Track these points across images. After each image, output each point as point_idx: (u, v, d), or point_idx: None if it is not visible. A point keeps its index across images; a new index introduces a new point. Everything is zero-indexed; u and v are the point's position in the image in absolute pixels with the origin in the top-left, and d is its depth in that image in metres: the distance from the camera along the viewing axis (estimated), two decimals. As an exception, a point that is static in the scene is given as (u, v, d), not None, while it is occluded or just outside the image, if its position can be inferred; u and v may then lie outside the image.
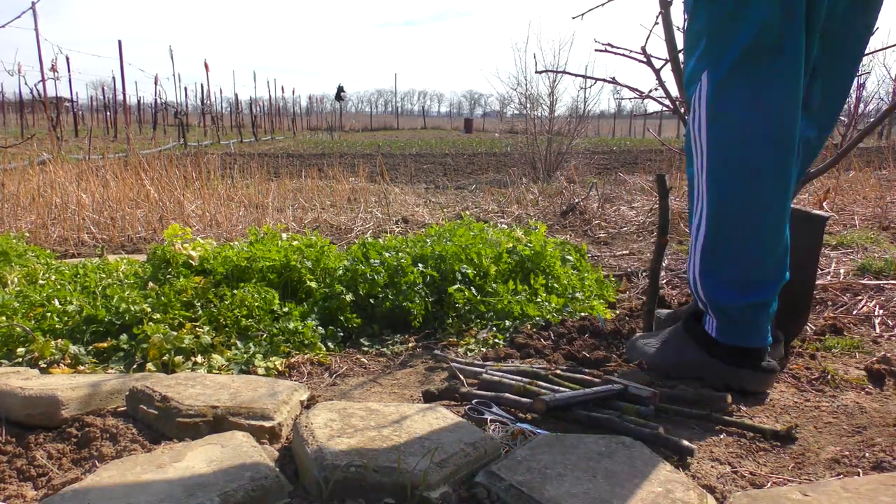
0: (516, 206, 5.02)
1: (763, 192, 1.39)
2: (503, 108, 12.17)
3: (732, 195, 1.42)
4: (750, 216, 1.42)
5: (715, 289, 1.47)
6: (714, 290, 1.47)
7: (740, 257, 1.44)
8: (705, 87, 1.39)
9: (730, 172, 1.41)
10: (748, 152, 1.38)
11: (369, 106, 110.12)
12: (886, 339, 1.83)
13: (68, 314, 1.86)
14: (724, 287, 1.46)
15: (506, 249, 2.40)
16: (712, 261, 1.47)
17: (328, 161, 10.04)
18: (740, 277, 1.45)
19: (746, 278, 1.44)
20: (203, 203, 4.36)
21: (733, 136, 1.39)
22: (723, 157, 1.41)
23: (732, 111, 1.38)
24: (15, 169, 5.41)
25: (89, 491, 0.95)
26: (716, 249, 1.46)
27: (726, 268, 1.46)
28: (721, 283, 1.46)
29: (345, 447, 1.07)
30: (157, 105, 21.55)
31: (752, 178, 1.39)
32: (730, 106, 1.38)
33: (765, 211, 1.40)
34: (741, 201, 1.41)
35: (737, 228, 1.43)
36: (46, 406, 1.28)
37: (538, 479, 1.01)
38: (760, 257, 1.43)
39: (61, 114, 14.58)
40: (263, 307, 1.94)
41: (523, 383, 1.42)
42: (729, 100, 1.37)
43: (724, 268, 1.46)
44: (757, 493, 1.02)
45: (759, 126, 1.36)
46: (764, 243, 1.42)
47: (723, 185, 1.42)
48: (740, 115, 1.37)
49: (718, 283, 1.47)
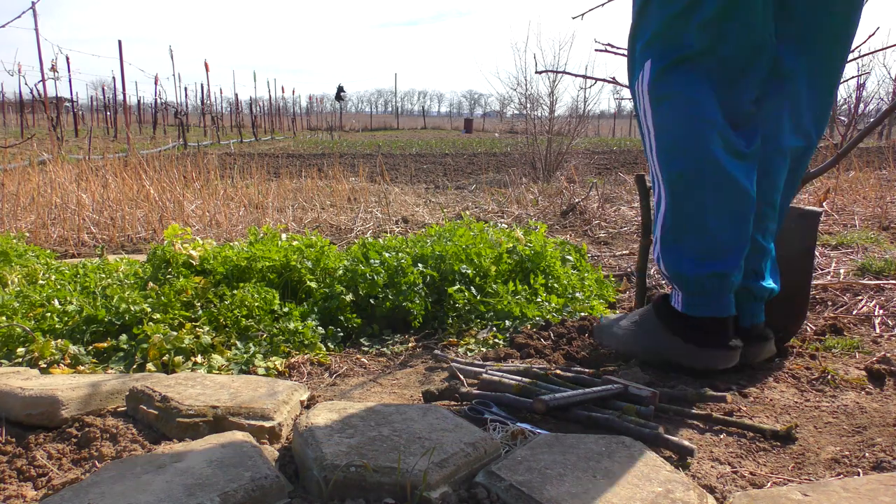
0: (516, 206, 5.02)
1: (710, 165, 1.46)
2: (503, 108, 12.16)
3: (682, 171, 1.49)
4: (702, 189, 1.48)
5: (677, 262, 1.54)
6: (676, 264, 1.54)
7: (697, 229, 1.51)
8: (647, 74, 1.48)
9: (677, 150, 1.49)
10: (690, 130, 1.46)
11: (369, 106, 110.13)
12: (886, 339, 1.83)
13: (68, 314, 1.86)
14: (685, 259, 1.53)
15: (506, 249, 2.40)
16: (672, 235, 1.55)
17: (328, 161, 10.04)
18: (699, 248, 1.52)
19: (704, 248, 1.51)
20: (203, 203, 4.36)
21: (675, 117, 1.48)
22: (668, 136, 1.49)
23: (674, 97, 1.47)
24: (15, 169, 5.41)
25: (89, 491, 0.95)
26: (674, 224, 1.53)
27: (685, 240, 1.53)
28: (682, 255, 1.54)
29: (345, 447, 1.07)
30: (157, 105, 21.56)
31: (699, 152, 1.46)
32: (673, 89, 1.47)
33: (716, 183, 1.46)
34: (690, 176, 1.49)
35: (691, 201, 1.50)
36: (46, 406, 1.28)
37: (538, 479, 1.01)
38: (716, 228, 1.50)
39: (61, 114, 14.58)
40: (263, 307, 1.94)
41: (523, 383, 1.42)
42: (672, 84, 1.47)
43: (683, 240, 1.53)
44: (757, 493, 1.02)
45: (698, 109, 1.45)
46: (718, 214, 1.49)
47: (672, 163, 1.50)
48: (681, 100, 1.46)
49: (679, 256, 1.54)
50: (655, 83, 1.48)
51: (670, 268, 1.56)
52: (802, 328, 1.94)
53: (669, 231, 1.55)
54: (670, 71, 1.46)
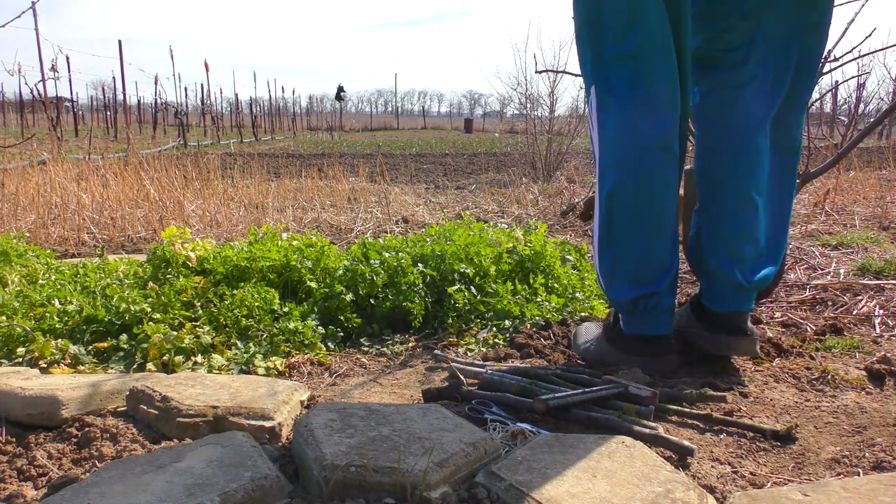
0: (516, 206, 5.02)
1: (641, 191, 1.52)
2: (503, 108, 12.18)
3: (616, 193, 1.54)
4: (634, 209, 1.53)
5: (611, 282, 1.60)
6: (609, 284, 1.61)
7: (629, 250, 1.56)
8: (594, 98, 1.54)
9: (614, 171, 1.53)
10: (626, 156, 1.52)
11: (369, 106, 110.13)
12: (886, 339, 1.83)
13: (68, 314, 1.86)
14: (618, 280, 1.58)
15: (506, 249, 2.40)
16: (606, 253, 1.59)
17: (328, 161, 10.04)
18: (631, 269, 1.57)
19: (635, 270, 1.56)
20: (203, 203, 4.36)
21: (616, 141, 1.53)
22: (608, 156, 1.54)
23: (612, 123, 1.53)
24: (15, 169, 5.41)
25: (89, 491, 0.95)
26: (610, 241, 1.58)
27: (619, 260, 1.58)
28: (615, 275, 1.59)
29: (345, 447, 1.07)
30: (157, 105, 21.54)
31: (631, 178, 1.52)
32: (609, 118, 1.53)
33: (645, 206, 1.53)
34: (623, 199, 1.54)
35: (624, 222, 1.55)
36: (46, 406, 1.28)
37: (538, 479, 1.01)
38: (645, 251, 1.55)
39: (61, 114, 14.58)
40: (263, 307, 1.94)
41: (523, 383, 1.42)
42: (609, 112, 1.53)
43: (617, 260, 1.58)
44: (757, 493, 1.02)
45: (634, 137, 1.51)
46: (647, 237, 1.54)
47: (607, 182, 1.55)
48: (618, 127, 1.52)
49: (613, 276, 1.59)
50: (600, 110, 1.55)
51: (605, 286, 1.63)
52: (802, 328, 1.94)
53: (605, 245, 1.59)
54: (607, 102, 1.53)
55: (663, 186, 1.53)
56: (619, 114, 1.51)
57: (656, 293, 1.57)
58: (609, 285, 1.61)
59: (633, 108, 1.49)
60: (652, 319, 1.59)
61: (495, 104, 22.75)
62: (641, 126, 1.49)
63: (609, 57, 1.49)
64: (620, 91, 1.50)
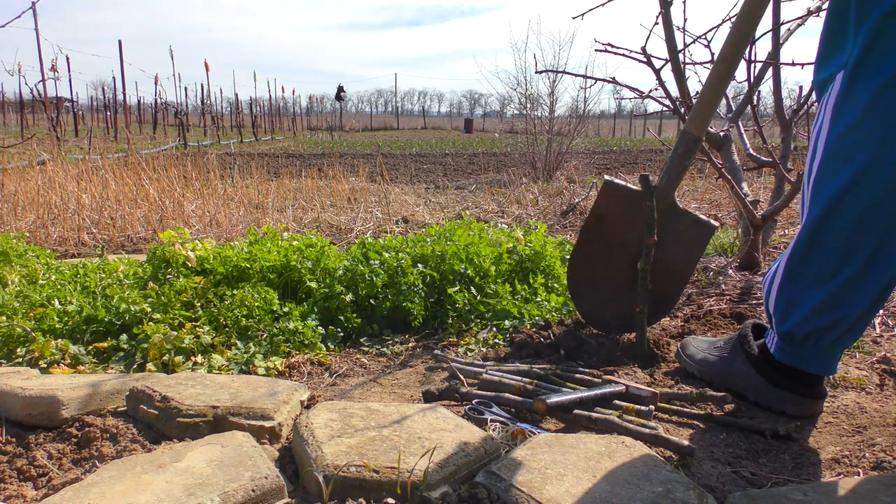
0: (516, 206, 5.02)
1: (876, 202, 1.18)
2: (503, 108, 12.17)
3: (859, 192, 1.19)
4: (856, 226, 1.21)
5: (788, 305, 1.32)
6: (787, 307, 1.32)
7: (831, 271, 1.25)
8: (837, 85, 1.21)
9: (843, 175, 1.20)
10: (869, 155, 1.16)
11: (369, 106, 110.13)
12: (886, 339, 1.83)
13: (68, 314, 1.86)
14: (802, 303, 1.30)
15: (506, 249, 2.40)
16: (799, 268, 1.29)
17: (328, 161, 10.04)
18: (825, 295, 1.26)
19: (831, 297, 1.26)
20: (203, 203, 4.36)
21: (869, 125, 1.16)
22: (839, 157, 1.21)
23: (862, 106, 1.17)
24: (15, 169, 5.41)
25: (89, 491, 0.95)
26: (807, 257, 1.28)
27: (812, 283, 1.28)
28: (799, 299, 1.30)
29: (345, 447, 1.07)
30: (157, 105, 21.55)
31: (865, 185, 1.18)
32: (861, 100, 1.16)
33: (871, 224, 1.20)
34: (870, 197, 1.19)
35: (837, 238, 1.23)
36: (46, 406, 1.28)
37: (538, 479, 1.01)
38: (854, 276, 1.23)
39: (61, 114, 14.58)
40: (263, 307, 1.94)
41: (523, 383, 1.42)
42: (862, 95, 1.17)
43: (810, 282, 1.28)
44: (757, 493, 1.02)
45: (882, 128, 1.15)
46: (863, 260, 1.22)
47: (830, 188, 1.22)
48: (880, 107, 1.15)
49: (797, 298, 1.30)
50: (843, 95, 1.19)
51: (779, 307, 1.34)
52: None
53: (799, 261, 1.29)
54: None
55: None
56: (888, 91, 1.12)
57: (844, 325, 1.27)
58: (786, 306, 1.32)
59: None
60: (822, 356, 1.33)
61: (495, 104, 22.74)
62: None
63: (880, 15, 1.11)
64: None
